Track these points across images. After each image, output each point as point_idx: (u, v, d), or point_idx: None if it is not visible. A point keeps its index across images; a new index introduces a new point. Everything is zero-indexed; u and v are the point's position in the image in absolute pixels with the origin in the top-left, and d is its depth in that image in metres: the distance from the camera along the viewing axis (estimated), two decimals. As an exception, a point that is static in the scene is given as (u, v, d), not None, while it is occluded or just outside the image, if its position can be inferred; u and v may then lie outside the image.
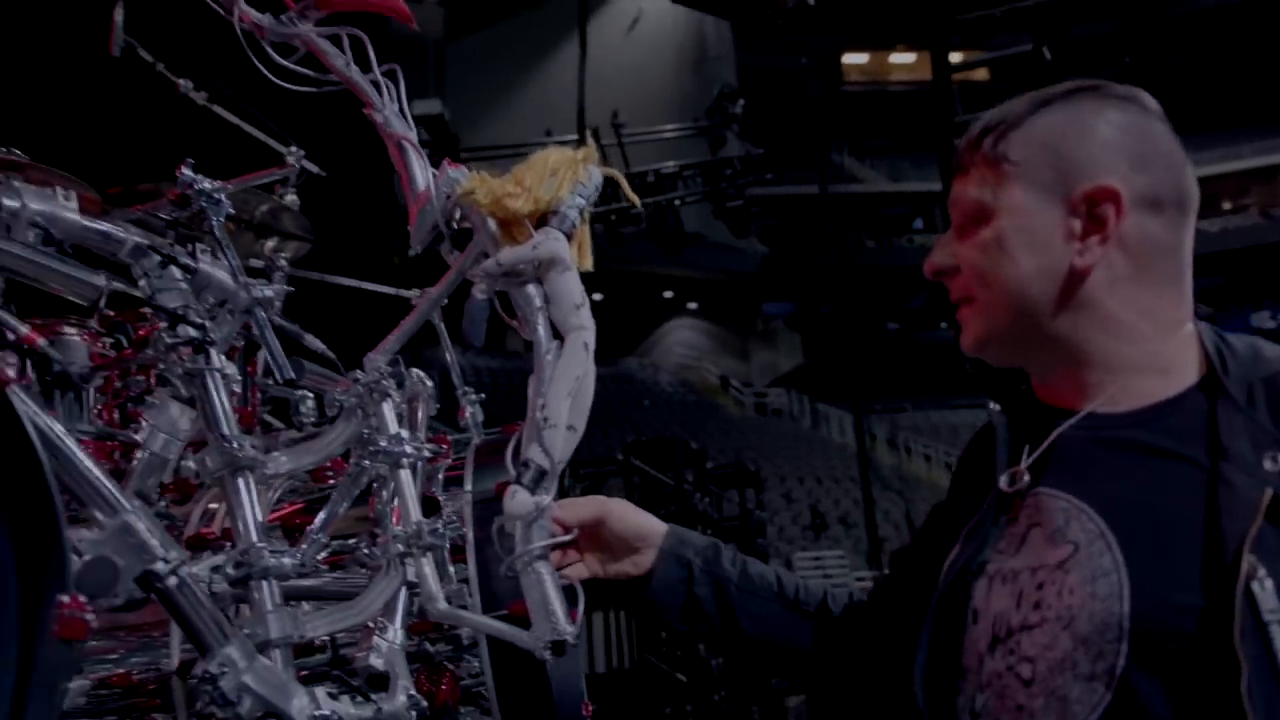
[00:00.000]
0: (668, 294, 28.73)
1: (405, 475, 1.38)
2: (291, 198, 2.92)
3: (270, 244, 2.63)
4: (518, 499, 1.23)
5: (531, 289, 1.34)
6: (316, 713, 1.14)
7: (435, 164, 1.46)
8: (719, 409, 25.57)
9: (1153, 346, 1.06)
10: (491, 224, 1.38)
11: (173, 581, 1.08)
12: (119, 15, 2.46)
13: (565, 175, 1.38)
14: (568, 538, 1.28)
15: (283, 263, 2.56)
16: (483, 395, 2.46)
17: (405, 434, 1.39)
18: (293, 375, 1.38)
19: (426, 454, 1.41)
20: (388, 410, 1.40)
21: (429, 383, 2.04)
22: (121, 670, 1.51)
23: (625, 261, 21.66)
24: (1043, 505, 1.07)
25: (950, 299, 1.15)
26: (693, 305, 29.55)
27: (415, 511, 1.36)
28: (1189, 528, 0.95)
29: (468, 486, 1.82)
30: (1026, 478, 1.09)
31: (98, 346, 1.83)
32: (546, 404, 1.28)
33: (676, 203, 10.29)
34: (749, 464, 8.85)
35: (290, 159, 2.98)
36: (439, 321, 2.50)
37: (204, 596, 1.12)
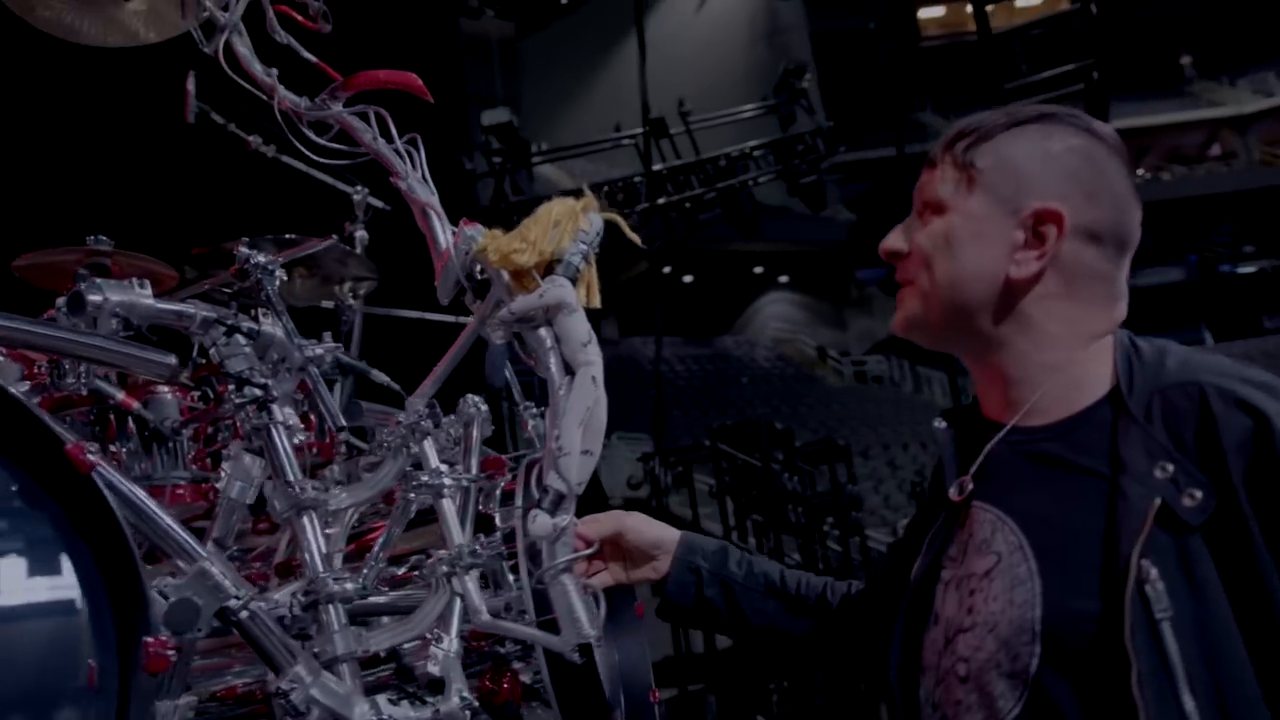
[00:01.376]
0: (758, 269, 28.66)
1: (446, 504, 1.56)
2: (361, 233, 3.14)
3: (343, 287, 2.85)
4: (539, 521, 1.40)
5: (543, 332, 1.50)
6: (377, 717, 1.33)
7: (507, 173, 1.62)
8: (818, 380, 25.46)
9: (1069, 354, 1.16)
10: (505, 276, 1.54)
11: (245, 615, 1.27)
12: (191, 84, 2.70)
13: (566, 226, 1.54)
14: (588, 551, 1.44)
15: (352, 302, 2.77)
16: (543, 409, 2.64)
17: (445, 468, 1.56)
18: (343, 424, 1.57)
19: (465, 483, 1.58)
20: (429, 446, 1.58)
21: (483, 408, 2.23)
22: (229, 684, 1.74)
23: (713, 241, 21.74)
24: (976, 517, 1.19)
25: (896, 279, 1.26)
26: (784, 278, 29.42)
27: (457, 535, 1.54)
28: (1091, 538, 1.05)
29: (518, 502, 2.01)
30: (971, 485, 1.20)
31: (188, 401, 2.06)
32: (561, 434, 1.44)
33: (750, 184, 10.34)
34: (842, 438, 8.92)
35: (357, 197, 3.21)
36: (504, 355, 2.68)
37: (273, 624, 1.32)
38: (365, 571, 1.53)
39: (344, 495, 1.60)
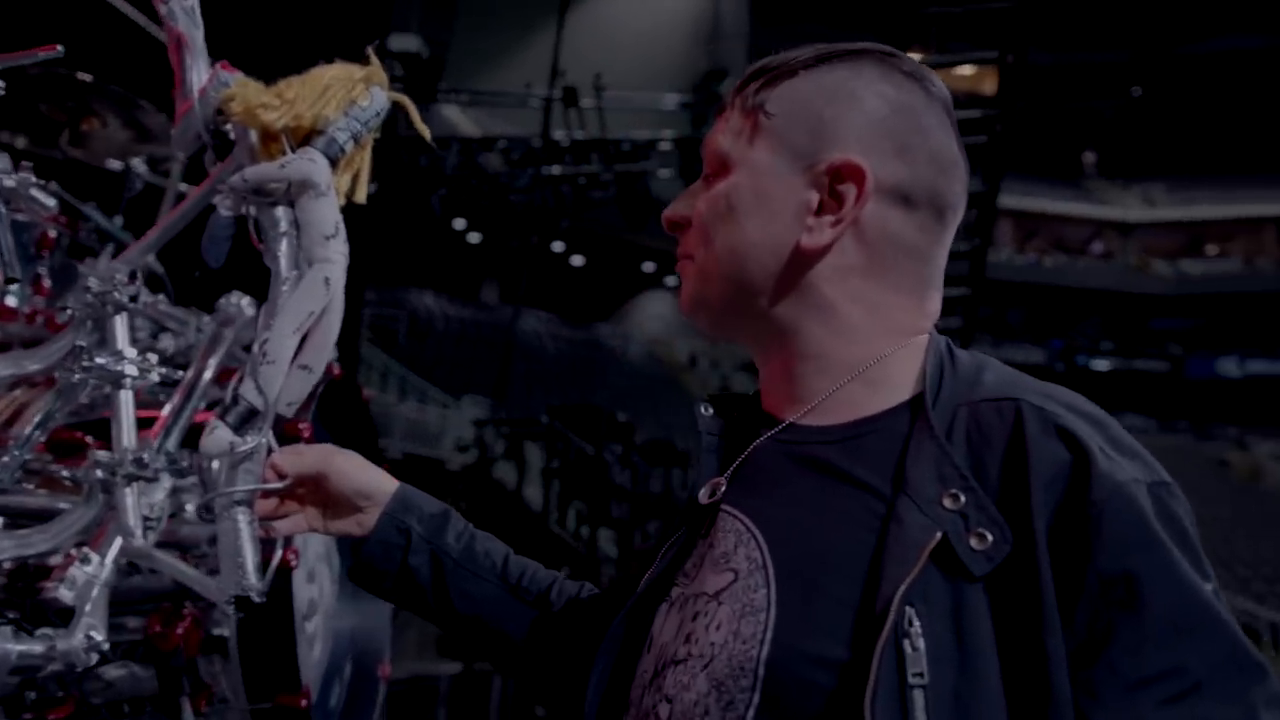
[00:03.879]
0: (648, 266, 28.59)
1: (124, 397, 1.26)
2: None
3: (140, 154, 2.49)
4: (215, 436, 1.12)
5: (279, 211, 1.22)
6: (-60, 641, 1.03)
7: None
8: (682, 387, 25.50)
9: (870, 349, 0.94)
10: (252, 137, 1.26)
11: None
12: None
13: (336, 94, 1.25)
14: (276, 485, 1.17)
15: (143, 170, 2.42)
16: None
17: (133, 353, 1.27)
18: (15, 275, 1.26)
19: (155, 378, 1.28)
20: (119, 324, 1.28)
21: (249, 310, 1.92)
22: None
23: (609, 228, 21.49)
24: (720, 524, 0.95)
25: (677, 253, 1.03)
26: (671, 280, 29.40)
27: (126, 437, 1.25)
28: (850, 567, 0.83)
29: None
30: (724, 487, 0.97)
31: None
32: (270, 338, 1.16)
33: (650, 175, 10.14)
34: (682, 445, 8.77)
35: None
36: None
37: None
38: (3, 458, 1.22)
39: (5, 364, 1.28)
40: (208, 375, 1.67)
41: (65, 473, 1.33)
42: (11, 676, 1.13)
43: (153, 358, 1.28)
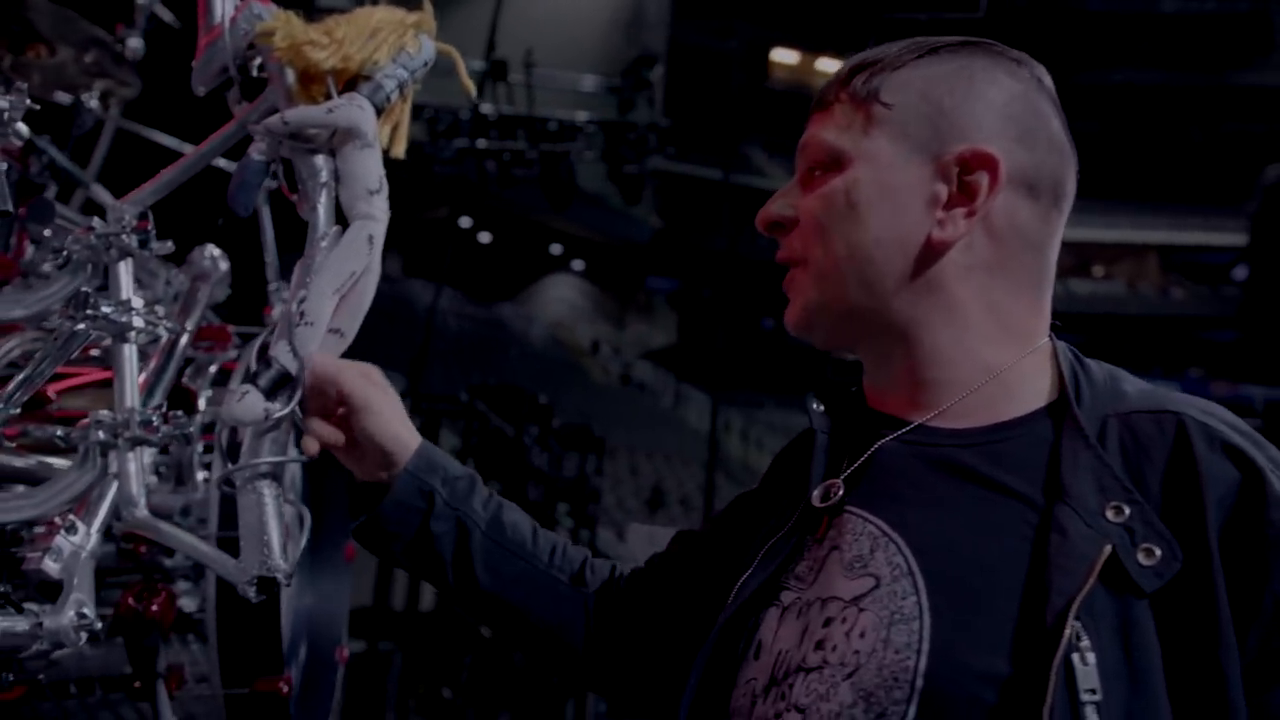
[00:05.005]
0: (555, 248, 28.39)
1: (127, 351, 1.15)
2: (136, 42, 2.59)
3: (90, 87, 2.31)
4: (246, 402, 1.02)
5: (320, 160, 1.12)
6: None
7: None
8: (584, 372, 25.43)
9: (999, 353, 0.90)
10: (290, 75, 1.15)
11: None
12: None
13: (388, 39, 1.16)
14: (304, 458, 1.07)
15: (94, 104, 2.24)
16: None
17: (140, 303, 1.15)
18: (7, 208, 1.12)
19: (162, 332, 1.17)
20: (124, 270, 1.16)
21: (224, 265, 1.79)
22: None
23: (519, 208, 21.21)
24: (847, 527, 0.90)
25: (778, 258, 0.97)
26: (578, 264, 29.29)
27: (131, 396, 1.13)
28: (1009, 579, 0.80)
29: (234, 384, 1.60)
30: (841, 492, 0.92)
31: None
32: (308, 297, 1.07)
33: (573, 156, 10.03)
34: (596, 430, 8.71)
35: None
36: (265, 206, 2.24)
37: None
38: (-13, 415, 1.09)
39: (-15, 306, 1.15)
40: (187, 334, 1.55)
41: (40, 432, 1.20)
42: (-6, 655, 1.00)
43: (160, 309, 1.17)
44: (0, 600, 1.00)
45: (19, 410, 1.11)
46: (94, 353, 1.77)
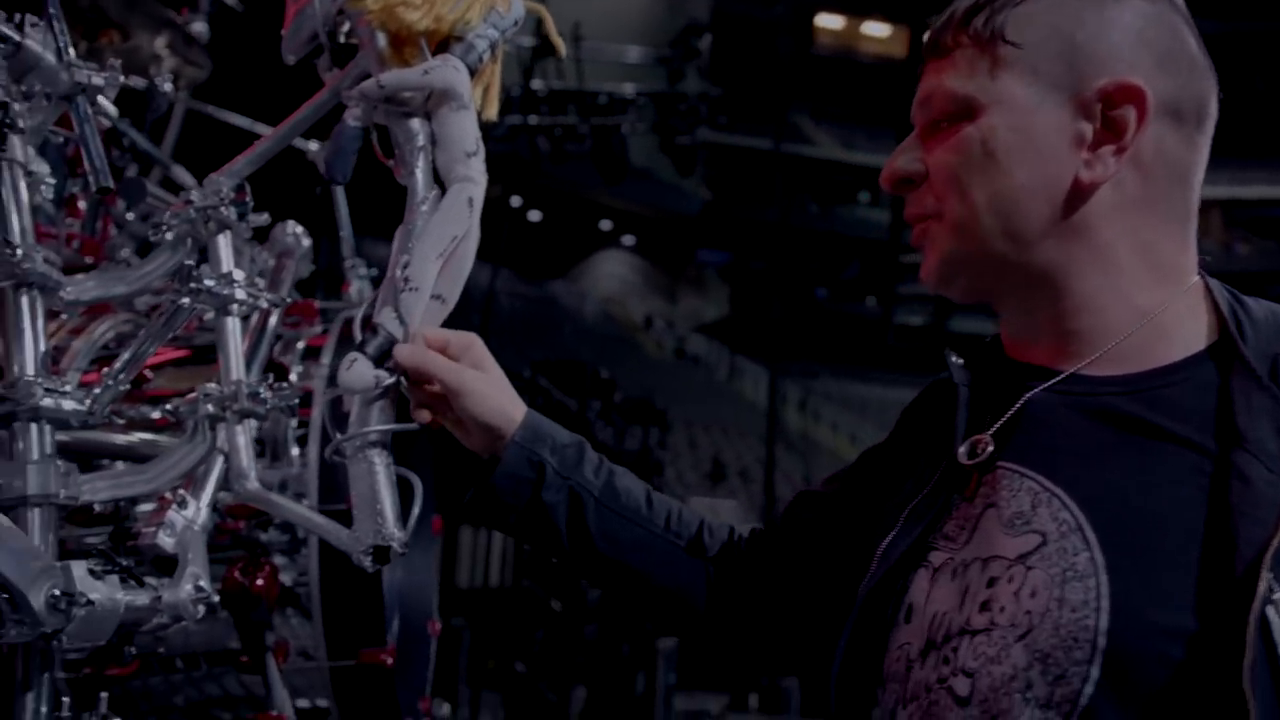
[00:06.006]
0: (605, 225, 28.36)
1: (232, 324, 1.14)
2: (200, 26, 2.60)
3: (161, 67, 2.32)
4: (355, 370, 1.01)
5: (416, 123, 1.10)
6: (60, 589, 0.91)
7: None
8: (638, 346, 25.45)
9: (1152, 295, 0.86)
10: (381, 40, 1.13)
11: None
12: None
13: (479, -3, 1.14)
14: (413, 426, 1.05)
15: (168, 88, 2.25)
16: (375, 270, 2.21)
17: (239, 275, 1.14)
18: (109, 185, 1.12)
19: (264, 304, 1.16)
20: (223, 243, 1.15)
21: (305, 241, 1.79)
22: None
23: (569, 184, 21.19)
24: (1003, 483, 0.86)
25: (908, 215, 0.93)
26: (628, 240, 29.25)
27: (237, 368, 1.13)
28: (1186, 530, 0.76)
29: (325, 359, 1.59)
30: (990, 448, 0.88)
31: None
32: (412, 261, 1.05)
33: (624, 129, 9.96)
34: (657, 403, 8.69)
35: (205, -20, 2.65)
36: (339, 187, 2.24)
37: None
38: (97, 391, 1.09)
39: (90, 284, 1.15)
40: (279, 308, 1.54)
41: (168, 408, 1.20)
42: (117, 630, 1.01)
43: (260, 281, 1.16)
44: (123, 574, 1.00)
45: (128, 387, 1.11)
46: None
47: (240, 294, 1.13)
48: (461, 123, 1.10)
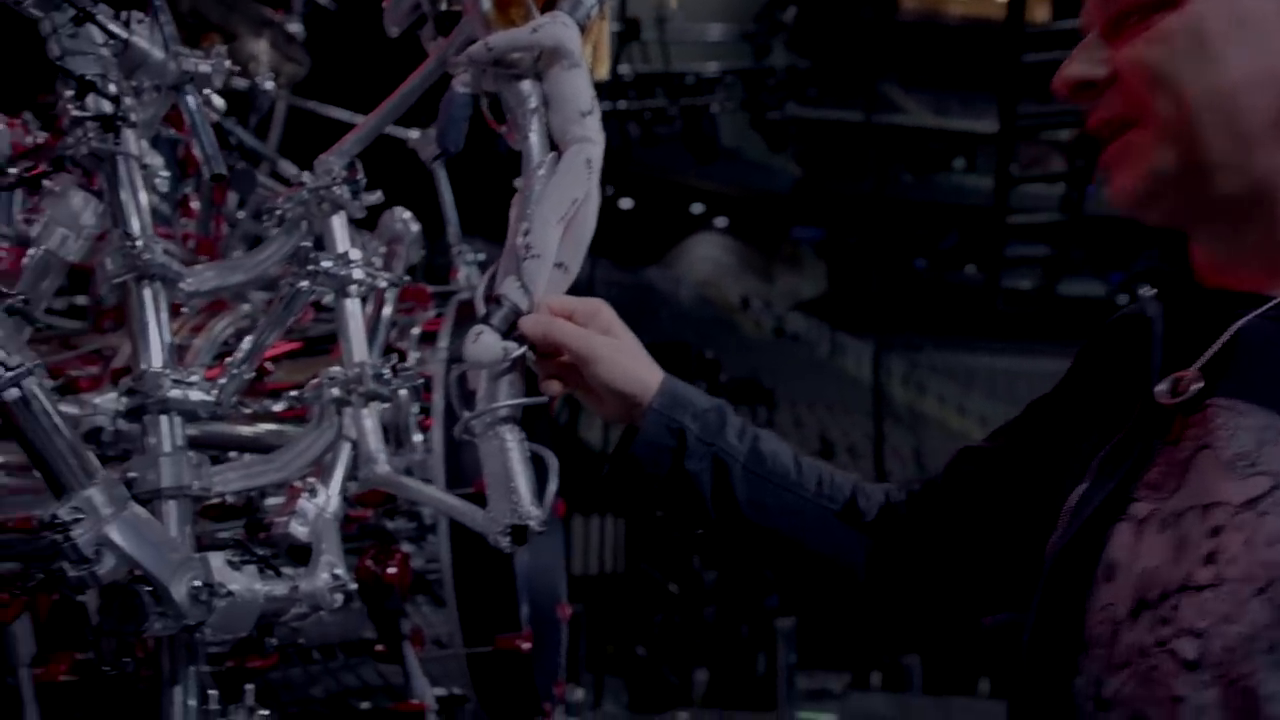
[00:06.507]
0: (697, 208, 28.22)
1: (352, 306, 1.11)
2: (296, 28, 2.61)
3: (261, 66, 2.33)
4: (482, 342, 0.96)
5: (526, 85, 1.05)
6: (200, 581, 0.89)
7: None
8: (736, 328, 25.30)
9: None
10: (485, 1, 1.09)
11: (12, 394, 0.81)
12: None
13: (584, -52, 1.08)
14: (541, 399, 1.01)
15: (269, 85, 2.26)
16: (481, 255, 2.19)
17: (356, 254, 1.11)
18: (222, 171, 1.10)
19: (381, 283, 1.13)
20: (338, 224, 1.12)
21: (415, 227, 1.77)
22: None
23: (657, 170, 21.10)
24: (1217, 422, 0.77)
25: (1093, 125, 0.84)
26: (721, 221, 29.05)
27: (360, 350, 1.10)
28: None
29: (442, 343, 1.57)
30: (1197, 385, 0.79)
31: (30, 138, 1.55)
32: (532, 228, 1.00)
33: (714, 109, 9.85)
34: (764, 382, 8.59)
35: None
36: (438, 165, 2.22)
37: (61, 420, 0.86)
38: (222, 381, 1.07)
39: (209, 274, 1.13)
40: (391, 294, 1.52)
41: (294, 394, 1.18)
42: (257, 620, 0.98)
43: (377, 261, 1.13)
44: (260, 564, 0.97)
45: (252, 375, 1.09)
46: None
47: (358, 274, 1.10)
48: (574, 81, 1.05)
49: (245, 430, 1.38)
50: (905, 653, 8.45)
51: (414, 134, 2.25)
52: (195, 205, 1.85)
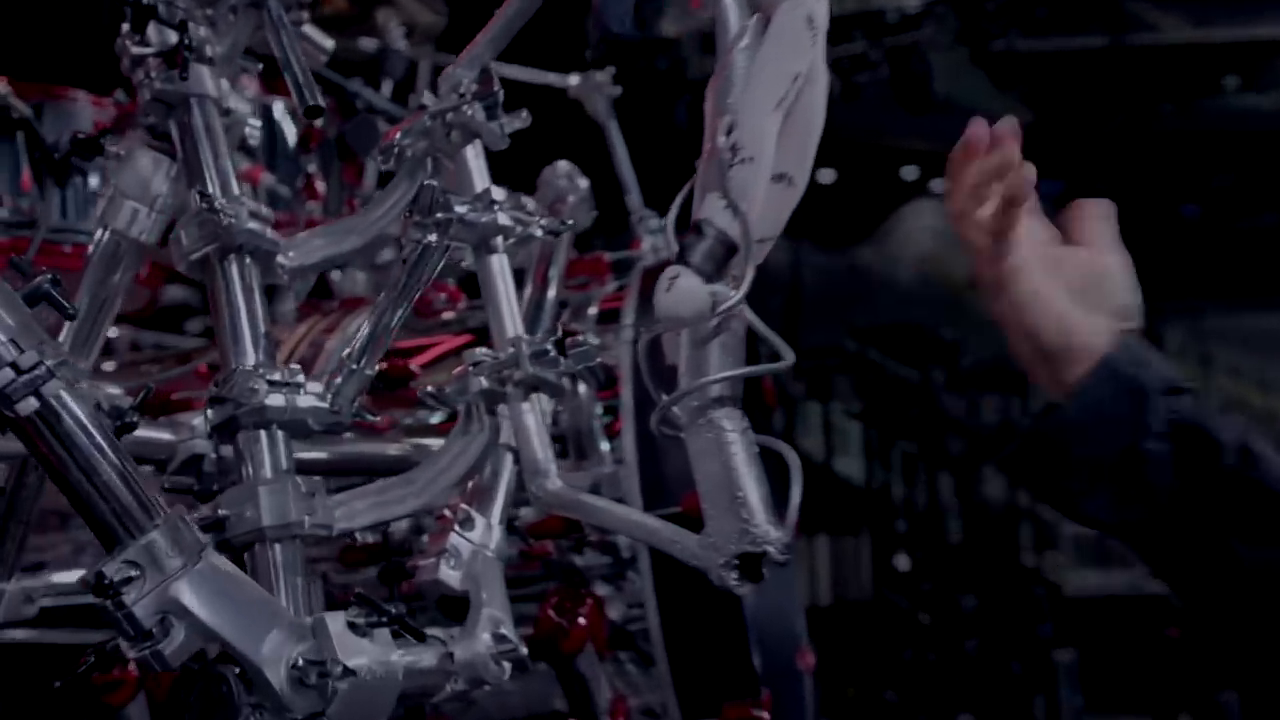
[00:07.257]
0: (909, 172, 27.46)
1: (498, 263, 0.92)
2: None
3: (393, 23, 2.22)
4: (679, 288, 0.74)
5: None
6: (304, 660, 0.71)
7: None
8: (966, 306, 24.42)
9: None
10: None
11: (27, 405, 0.65)
12: None
13: None
14: (779, 365, 0.78)
15: (401, 44, 2.15)
16: (666, 223, 1.99)
17: (499, 193, 0.92)
18: (318, 102, 0.93)
19: (537, 231, 0.93)
20: (472, 155, 0.94)
21: (582, 183, 1.58)
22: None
23: (861, 133, 20.61)
24: None
25: None
26: (939, 185, 28.18)
27: (512, 322, 0.91)
28: None
29: (628, 320, 1.37)
30: None
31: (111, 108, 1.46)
32: (739, 121, 0.78)
33: (924, 45, 9.39)
34: (1014, 364, 8.11)
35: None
36: (611, 119, 2.05)
37: (105, 441, 0.69)
38: (337, 380, 0.90)
39: (317, 241, 0.97)
40: (556, 272, 1.34)
41: (430, 389, 1.01)
42: (399, 703, 0.80)
43: (528, 202, 0.94)
44: (395, 626, 0.79)
45: (377, 370, 0.91)
46: (446, 316, 1.62)
47: (504, 219, 0.91)
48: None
49: (391, 448, 1.22)
50: (1221, 688, 7.76)
51: (573, 80, 2.08)
52: (321, 187, 1.73)
